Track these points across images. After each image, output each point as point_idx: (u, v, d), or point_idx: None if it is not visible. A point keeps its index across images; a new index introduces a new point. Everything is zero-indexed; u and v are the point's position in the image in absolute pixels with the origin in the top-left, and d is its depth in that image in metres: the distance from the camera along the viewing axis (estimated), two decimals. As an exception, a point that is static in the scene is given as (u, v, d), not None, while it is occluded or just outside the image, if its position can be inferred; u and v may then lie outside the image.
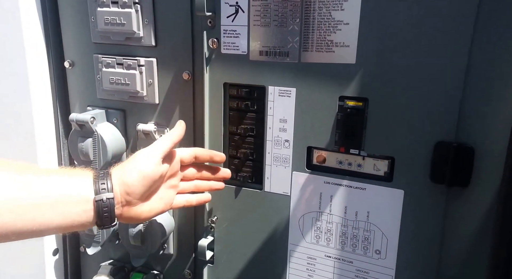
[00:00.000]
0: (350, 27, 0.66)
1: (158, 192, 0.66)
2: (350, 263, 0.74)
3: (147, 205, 0.64)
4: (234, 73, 0.77)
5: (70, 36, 0.88)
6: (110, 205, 0.58)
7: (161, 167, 0.64)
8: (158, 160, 0.63)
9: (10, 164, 0.55)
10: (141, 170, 0.61)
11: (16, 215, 0.52)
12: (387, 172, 0.69)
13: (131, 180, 0.61)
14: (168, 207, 0.69)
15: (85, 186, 0.58)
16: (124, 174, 0.61)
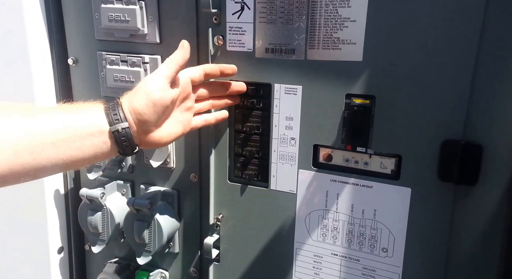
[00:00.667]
0: (357, 24, 0.66)
1: (174, 116, 0.67)
2: (357, 261, 0.75)
3: (165, 129, 0.65)
4: (240, 70, 0.77)
5: (74, 33, 0.89)
6: (127, 134, 0.60)
7: (170, 91, 0.64)
8: (165, 85, 0.63)
9: (20, 107, 0.56)
10: (150, 97, 0.61)
11: (37, 155, 0.54)
12: (394, 170, 0.70)
13: (142, 108, 0.61)
14: (188, 129, 0.71)
15: (99, 118, 0.59)
16: (134, 102, 0.61)
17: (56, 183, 0.93)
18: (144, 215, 0.84)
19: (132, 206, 0.82)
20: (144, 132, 0.63)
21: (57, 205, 0.94)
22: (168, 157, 0.87)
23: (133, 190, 0.93)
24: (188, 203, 0.89)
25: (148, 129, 0.63)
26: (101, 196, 0.86)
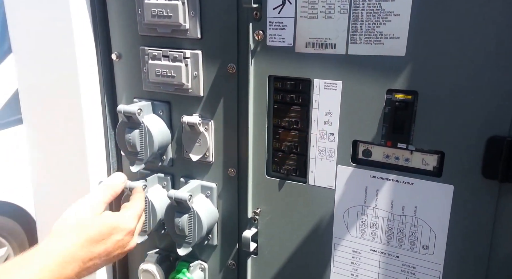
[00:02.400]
0: (401, 18, 0.67)
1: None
2: (396, 257, 0.76)
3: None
4: (279, 65, 0.80)
5: (117, 29, 0.93)
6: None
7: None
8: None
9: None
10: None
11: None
12: (436, 166, 0.71)
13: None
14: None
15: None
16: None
17: (100, 174, 0.99)
18: (184, 207, 0.88)
19: (173, 198, 0.87)
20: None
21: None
22: (207, 151, 0.91)
23: (173, 183, 0.98)
24: (226, 197, 0.92)
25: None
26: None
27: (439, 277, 0.73)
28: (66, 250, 0.65)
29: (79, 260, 0.66)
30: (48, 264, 0.62)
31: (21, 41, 0.96)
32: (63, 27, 0.90)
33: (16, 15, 0.94)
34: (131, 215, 0.77)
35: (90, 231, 0.69)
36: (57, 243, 0.66)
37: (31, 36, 0.94)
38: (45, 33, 0.92)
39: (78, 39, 0.90)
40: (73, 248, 0.66)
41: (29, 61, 0.96)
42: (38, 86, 0.96)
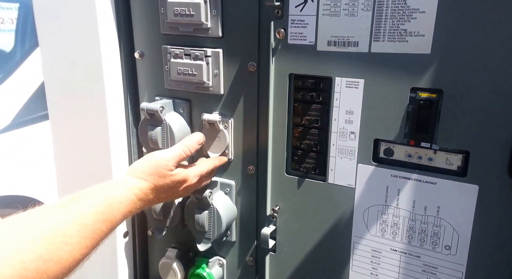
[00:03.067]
0: (427, 15, 0.64)
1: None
2: (417, 257, 0.73)
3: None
4: (300, 64, 0.77)
5: (140, 28, 0.92)
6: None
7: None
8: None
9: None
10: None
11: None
12: (460, 166, 0.67)
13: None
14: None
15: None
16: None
17: (122, 172, 0.98)
18: (204, 204, 0.86)
19: (193, 195, 0.85)
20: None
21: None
22: (226, 148, 0.88)
23: (193, 180, 0.96)
24: (245, 194, 0.90)
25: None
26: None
27: (462, 278, 0.69)
28: (139, 188, 0.72)
29: (148, 196, 0.74)
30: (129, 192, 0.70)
31: (48, 40, 0.95)
32: (88, 26, 0.88)
33: (44, 14, 0.93)
34: (196, 172, 0.81)
35: (159, 183, 0.75)
36: (134, 180, 0.73)
37: (58, 35, 0.93)
38: (71, 32, 0.91)
39: (102, 38, 0.89)
40: (144, 188, 0.73)
41: (55, 59, 0.95)
42: (63, 84, 0.95)
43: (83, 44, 0.90)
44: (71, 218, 0.59)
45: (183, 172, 0.78)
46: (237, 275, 0.95)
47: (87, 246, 0.60)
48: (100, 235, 0.63)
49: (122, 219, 0.68)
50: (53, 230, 0.56)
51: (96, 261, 1.02)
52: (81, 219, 0.60)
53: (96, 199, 0.64)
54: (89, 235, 0.60)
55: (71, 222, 0.59)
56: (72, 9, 0.89)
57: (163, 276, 0.97)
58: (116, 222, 0.67)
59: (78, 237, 0.58)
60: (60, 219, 0.58)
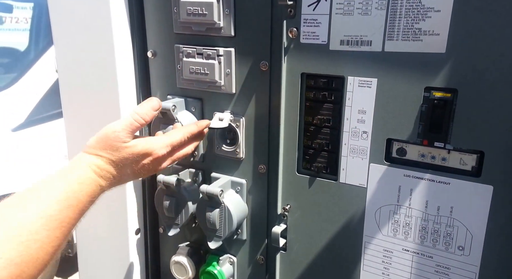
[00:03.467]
0: (442, 14, 0.62)
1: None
2: (430, 258, 0.71)
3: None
4: (313, 63, 0.76)
5: (153, 27, 0.91)
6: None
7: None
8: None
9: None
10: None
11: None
12: (474, 166, 0.66)
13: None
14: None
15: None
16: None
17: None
18: (215, 202, 0.85)
19: (205, 193, 0.84)
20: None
21: (135, 190, 0.98)
22: (238, 147, 0.88)
23: (204, 178, 0.95)
24: (256, 193, 0.89)
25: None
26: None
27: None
28: (96, 164, 0.66)
29: (109, 172, 0.68)
30: (85, 173, 0.64)
31: (63, 39, 0.95)
32: (102, 26, 0.88)
33: (58, 14, 0.93)
34: (163, 143, 0.73)
35: (114, 155, 0.68)
36: (88, 158, 0.67)
37: (72, 34, 0.93)
38: (85, 32, 0.91)
39: (116, 37, 0.89)
40: (101, 164, 0.67)
41: (70, 58, 0.95)
42: (77, 83, 0.95)
43: (97, 43, 0.90)
44: (32, 212, 0.54)
45: (143, 143, 0.70)
46: (248, 273, 0.94)
47: (57, 237, 0.56)
48: (69, 223, 0.58)
49: (90, 200, 0.63)
50: (16, 229, 0.52)
51: (108, 258, 1.02)
52: (43, 211, 0.55)
53: (55, 186, 0.59)
54: (57, 225, 0.56)
55: (34, 217, 0.54)
56: (87, 9, 0.89)
57: (174, 273, 0.97)
58: (84, 205, 0.62)
59: (45, 230, 0.54)
60: (20, 216, 0.53)
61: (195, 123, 0.81)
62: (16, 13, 2.81)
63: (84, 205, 0.62)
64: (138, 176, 0.73)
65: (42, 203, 0.56)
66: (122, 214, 0.97)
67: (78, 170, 0.63)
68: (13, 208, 0.55)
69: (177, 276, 0.97)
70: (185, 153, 0.79)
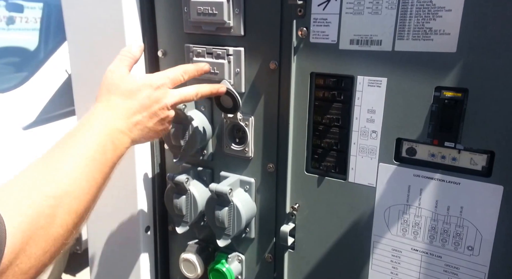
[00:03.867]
0: (453, 13, 0.62)
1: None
2: (439, 257, 0.71)
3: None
4: (322, 62, 0.75)
5: (164, 27, 0.91)
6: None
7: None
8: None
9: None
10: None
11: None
12: (485, 166, 0.65)
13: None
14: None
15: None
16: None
17: (145, 168, 0.98)
18: (224, 201, 0.85)
19: (214, 191, 0.84)
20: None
21: (145, 188, 0.99)
22: (246, 146, 0.88)
23: (213, 177, 0.95)
24: (265, 191, 0.89)
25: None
26: (185, 181, 0.88)
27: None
28: (104, 114, 0.66)
29: (121, 117, 0.67)
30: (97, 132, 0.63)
31: (76, 38, 0.95)
32: (114, 26, 0.89)
33: (72, 13, 0.94)
34: (160, 74, 0.74)
35: (118, 90, 0.68)
36: (97, 111, 0.67)
37: (85, 34, 0.93)
38: (98, 31, 0.91)
39: (128, 37, 0.89)
40: (108, 108, 0.67)
41: (82, 57, 0.95)
42: (90, 81, 0.96)
43: (109, 42, 0.90)
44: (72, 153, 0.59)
45: (140, 75, 0.71)
46: (256, 271, 0.94)
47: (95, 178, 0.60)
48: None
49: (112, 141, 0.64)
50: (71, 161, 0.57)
51: (118, 254, 1.03)
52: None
53: (81, 141, 0.61)
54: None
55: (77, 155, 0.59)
56: (100, 10, 0.89)
57: (183, 270, 0.97)
58: (112, 154, 0.64)
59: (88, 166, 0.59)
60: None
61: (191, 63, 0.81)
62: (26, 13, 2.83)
63: (112, 154, 0.63)
64: (149, 109, 0.70)
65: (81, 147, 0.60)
66: (133, 212, 0.98)
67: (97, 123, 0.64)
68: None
69: (186, 273, 0.97)
70: (187, 91, 0.76)
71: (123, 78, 0.70)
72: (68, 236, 0.55)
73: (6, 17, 3.08)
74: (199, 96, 0.78)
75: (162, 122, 0.72)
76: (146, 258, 1.02)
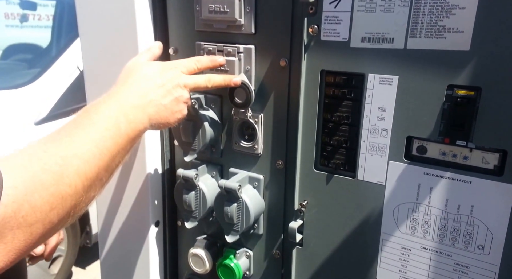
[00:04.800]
0: (467, 11, 0.60)
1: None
2: (449, 256, 0.70)
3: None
4: (333, 60, 0.74)
5: (175, 25, 0.91)
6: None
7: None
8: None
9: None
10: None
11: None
12: (497, 165, 0.63)
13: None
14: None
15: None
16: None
17: (155, 163, 0.97)
18: (233, 197, 0.85)
19: (223, 187, 0.83)
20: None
21: (155, 183, 0.98)
22: (256, 143, 0.87)
23: (222, 173, 0.95)
24: (273, 188, 0.88)
25: None
26: (195, 177, 0.88)
27: (494, 278, 0.66)
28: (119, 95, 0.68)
29: (135, 95, 0.68)
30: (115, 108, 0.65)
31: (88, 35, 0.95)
32: (127, 23, 0.88)
33: (85, 11, 0.93)
34: (174, 61, 0.78)
35: (136, 74, 0.71)
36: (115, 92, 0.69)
37: (97, 31, 0.93)
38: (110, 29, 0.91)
39: (140, 34, 0.88)
40: (124, 88, 0.69)
41: (95, 54, 0.95)
42: (102, 78, 0.95)
43: (121, 39, 0.90)
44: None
45: (157, 62, 0.76)
46: (264, 267, 0.93)
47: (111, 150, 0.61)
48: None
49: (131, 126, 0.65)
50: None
51: (129, 248, 1.02)
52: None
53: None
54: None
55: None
56: (112, 8, 0.89)
57: (192, 265, 0.96)
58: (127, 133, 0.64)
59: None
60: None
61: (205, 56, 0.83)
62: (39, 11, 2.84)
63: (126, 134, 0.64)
64: (163, 87, 0.71)
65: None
66: (143, 206, 0.97)
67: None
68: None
69: (194, 268, 0.96)
70: (200, 76, 0.78)
71: (142, 65, 0.73)
72: (77, 199, 0.55)
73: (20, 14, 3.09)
74: (211, 84, 0.78)
75: (177, 101, 0.73)
76: (155, 252, 1.02)
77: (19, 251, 0.49)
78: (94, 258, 2.82)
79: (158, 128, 0.72)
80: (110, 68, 0.93)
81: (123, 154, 0.64)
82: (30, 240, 0.50)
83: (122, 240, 1.03)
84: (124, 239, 1.03)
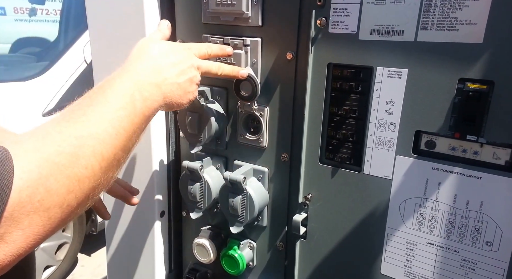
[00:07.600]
0: (481, 3, 0.56)
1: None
2: (456, 252, 0.66)
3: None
4: (340, 53, 0.70)
5: (182, 17, 0.86)
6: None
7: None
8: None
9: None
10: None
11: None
12: (508, 161, 0.60)
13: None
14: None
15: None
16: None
17: (161, 155, 0.94)
18: (238, 189, 0.81)
19: (228, 179, 0.80)
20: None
21: (161, 174, 0.95)
22: (261, 136, 0.83)
23: (227, 165, 0.91)
24: (278, 181, 0.84)
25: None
26: (200, 168, 0.84)
27: (503, 275, 0.62)
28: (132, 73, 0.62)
29: (150, 72, 0.63)
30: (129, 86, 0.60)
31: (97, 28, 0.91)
32: (135, 16, 0.85)
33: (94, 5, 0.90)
34: (188, 43, 0.74)
35: (149, 52, 0.66)
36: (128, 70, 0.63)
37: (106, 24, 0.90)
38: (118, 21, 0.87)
39: (148, 27, 0.85)
40: (138, 64, 0.64)
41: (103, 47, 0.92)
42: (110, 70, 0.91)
43: (129, 32, 0.86)
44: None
45: (168, 41, 0.70)
46: (267, 259, 0.90)
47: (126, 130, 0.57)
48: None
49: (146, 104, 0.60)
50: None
51: (134, 237, 1.00)
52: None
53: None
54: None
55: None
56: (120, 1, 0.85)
57: (197, 255, 0.94)
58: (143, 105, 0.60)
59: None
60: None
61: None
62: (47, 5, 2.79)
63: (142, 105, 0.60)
64: (178, 66, 0.67)
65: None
66: (149, 197, 0.94)
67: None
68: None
69: (199, 258, 0.94)
70: (212, 62, 0.75)
71: (155, 43, 0.67)
72: (95, 181, 0.51)
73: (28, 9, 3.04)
74: (221, 73, 0.74)
75: (190, 82, 0.68)
76: (160, 242, 0.99)
77: (38, 236, 0.46)
78: (99, 246, 2.81)
79: (171, 108, 0.67)
80: (118, 60, 0.89)
81: (138, 133, 0.59)
82: (49, 225, 0.46)
83: (128, 229, 1.00)
84: (130, 228, 1.00)
